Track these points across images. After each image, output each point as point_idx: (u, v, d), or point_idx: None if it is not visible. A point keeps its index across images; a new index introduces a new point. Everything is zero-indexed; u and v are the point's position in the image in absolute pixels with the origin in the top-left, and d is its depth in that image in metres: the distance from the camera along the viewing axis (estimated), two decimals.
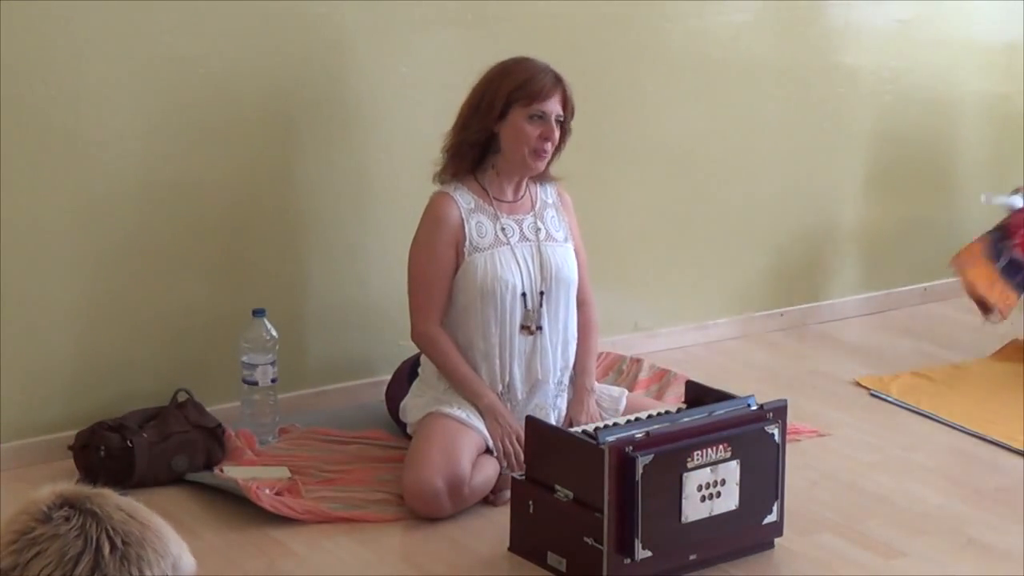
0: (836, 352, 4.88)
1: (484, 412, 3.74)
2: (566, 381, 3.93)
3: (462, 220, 3.79)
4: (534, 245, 3.85)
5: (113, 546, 1.56)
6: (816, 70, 5.01)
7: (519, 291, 3.80)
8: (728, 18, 4.81)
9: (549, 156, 3.80)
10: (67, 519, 1.57)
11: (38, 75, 3.79)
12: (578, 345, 3.96)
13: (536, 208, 3.90)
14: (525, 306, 3.81)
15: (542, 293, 3.82)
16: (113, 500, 1.62)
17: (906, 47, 5.19)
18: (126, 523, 1.59)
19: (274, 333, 4.03)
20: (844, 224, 5.21)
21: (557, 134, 3.77)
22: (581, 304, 4.00)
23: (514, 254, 3.82)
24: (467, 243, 3.78)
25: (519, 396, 3.84)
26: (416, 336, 3.83)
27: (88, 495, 1.61)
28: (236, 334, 4.04)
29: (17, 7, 3.72)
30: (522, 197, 3.89)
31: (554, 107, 3.76)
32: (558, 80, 3.79)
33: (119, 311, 3.99)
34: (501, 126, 3.77)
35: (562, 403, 3.91)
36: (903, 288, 5.36)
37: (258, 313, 4.02)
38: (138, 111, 3.93)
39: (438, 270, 3.78)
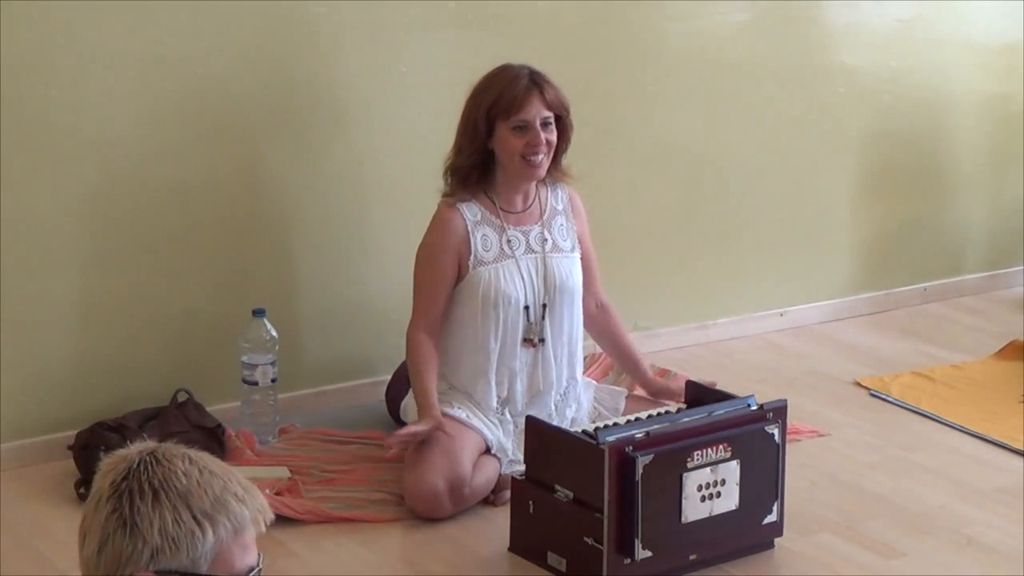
0: (836, 352, 4.88)
1: (420, 410, 3.72)
2: (576, 392, 3.92)
3: (467, 232, 3.77)
4: (539, 257, 3.84)
5: (113, 482, 1.80)
6: (816, 70, 5.01)
7: (522, 305, 3.79)
8: (728, 18, 4.81)
9: (544, 161, 3.76)
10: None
11: (38, 75, 3.79)
12: (618, 347, 4.08)
13: (545, 217, 3.88)
14: (528, 319, 3.80)
15: (544, 305, 3.82)
16: (160, 451, 1.84)
17: (906, 47, 5.19)
18: (140, 464, 1.81)
19: (274, 333, 4.03)
20: (844, 224, 5.21)
21: (546, 136, 3.73)
22: (602, 308, 4.03)
23: (519, 267, 3.81)
24: (472, 256, 3.77)
25: (519, 408, 3.84)
26: (406, 336, 3.83)
27: (150, 449, 1.84)
28: (236, 334, 4.04)
29: (17, 7, 3.72)
30: (531, 206, 3.87)
31: (535, 112, 3.72)
32: (534, 83, 3.73)
33: (119, 311, 3.99)
34: (493, 143, 3.76)
35: (570, 413, 3.91)
36: (903, 288, 5.36)
37: (258, 313, 4.03)
38: (138, 111, 3.93)
39: (436, 279, 3.78)
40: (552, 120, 3.75)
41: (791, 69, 4.96)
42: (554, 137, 3.76)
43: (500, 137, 3.74)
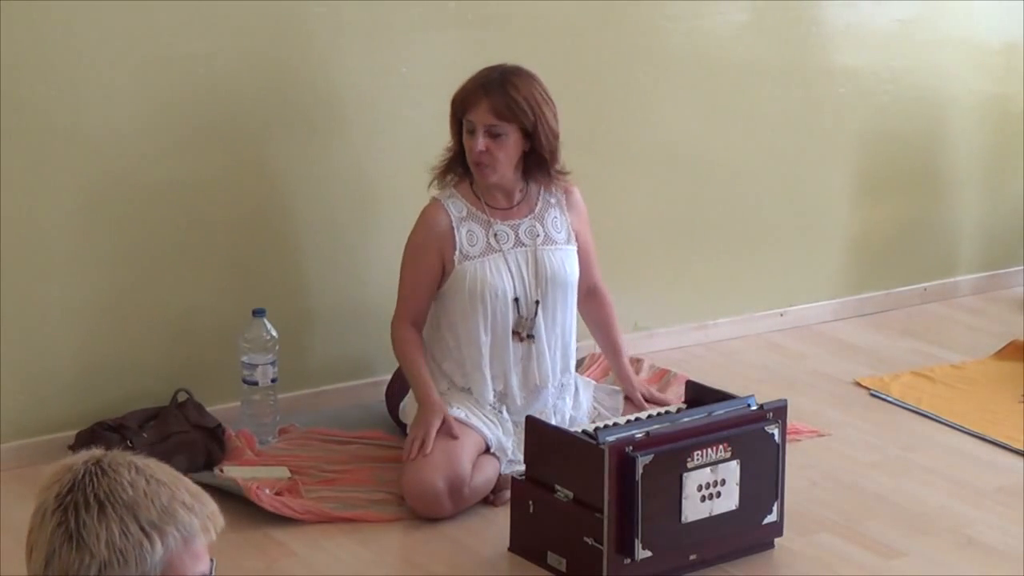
0: (836, 352, 4.88)
1: (418, 402, 3.75)
2: (568, 383, 3.93)
3: (452, 229, 3.79)
4: (530, 250, 3.84)
5: (57, 494, 1.76)
6: (816, 70, 5.01)
7: (511, 297, 3.79)
8: (728, 18, 4.81)
9: (495, 167, 3.74)
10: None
11: (38, 75, 3.79)
12: (604, 333, 4.07)
13: (536, 211, 3.88)
14: (518, 312, 3.81)
15: (537, 302, 3.82)
16: (107, 460, 1.78)
17: (906, 47, 5.19)
18: (85, 475, 1.76)
19: (274, 333, 4.03)
20: (844, 224, 5.21)
21: (488, 143, 3.70)
22: (595, 292, 4.02)
23: (506, 260, 3.81)
24: (457, 252, 3.78)
25: (517, 402, 3.84)
26: (391, 328, 3.85)
27: (95, 459, 1.78)
28: (236, 334, 4.04)
29: (17, 7, 3.72)
30: (518, 202, 3.87)
31: (481, 117, 3.70)
32: (487, 88, 3.71)
33: (119, 311, 3.99)
34: None
35: (563, 406, 3.91)
36: (903, 288, 5.36)
37: (258, 313, 4.03)
38: (138, 111, 3.93)
39: (420, 276, 3.80)
40: (502, 130, 3.71)
41: (791, 69, 4.96)
42: (501, 147, 3.71)
43: (464, 136, 3.77)
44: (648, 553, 3.26)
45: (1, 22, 3.70)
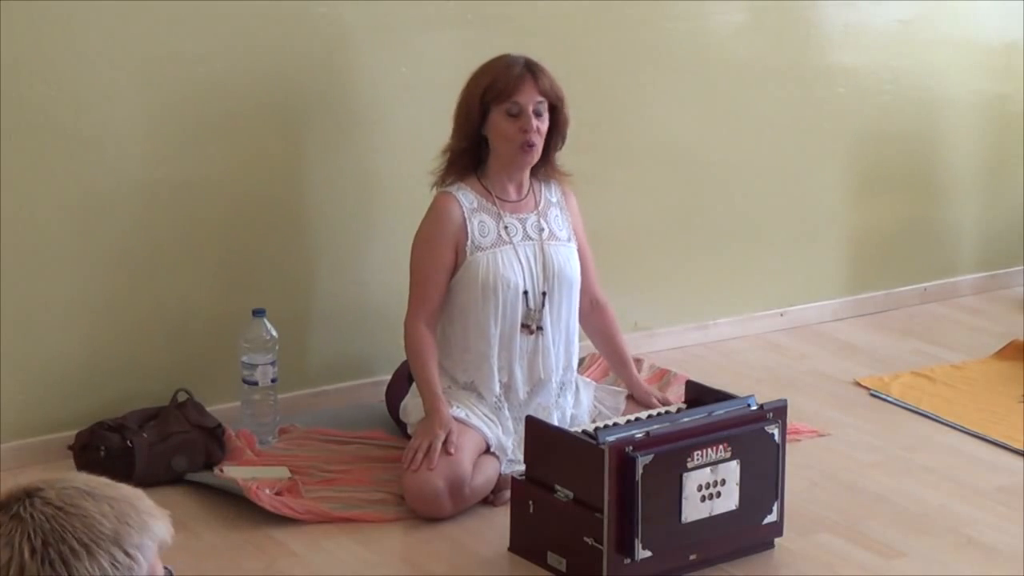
0: (836, 352, 4.88)
1: (426, 411, 3.72)
2: (569, 381, 3.93)
3: (464, 219, 3.80)
4: (537, 244, 3.85)
5: (32, 549, 1.62)
6: (816, 70, 5.01)
7: (521, 289, 3.80)
8: (728, 18, 4.81)
9: (539, 147, 3.79)
10: None
11: (38, 74, 3.79)
12: (610, 345, 4.07)
13: (540, 207, 3.90)
14: (527, 305, 3.82)
15: (544, 294, 3.83)
16: (49, 495, 1.66)
17: (906, 47, 5.19)
18: (50, 519, 1.64)
19: (274, 333, 4.03)
20: (844, 224, 5.21)
21: (537, 123, 3.75)
22: (597, 305, 4.02)
23: (516, 253, 3.82)
24: (469, 242, 3.79)
25: (520, 396, 3.84)
26: (404, 327, 3.83)
27: (25, 495, 1.66)
28: (236, 334, 4.04)
29: (17, 7, 3.72)
30: (525, 196, 3.89)
31: (528, 97, 3.75)
32: (528, 69, 3.78)
33: (119, 311, 3.99)
34: (487, 129, 3.79)
35: (565, 403, 3.92)
36: (903, 288, 5.36)
37: (258, 313, 4.03)
38: (138, 110, 3.93)
39: (434, 268, 3.79)
40: (545, 108, 3.78)
41: (791, 69, 4.96)
42: (545, 126, 3.78)
43: (493, 122, 3.77)
44: (648, 553, 3.26)
45: (1, 22, 3.70)
